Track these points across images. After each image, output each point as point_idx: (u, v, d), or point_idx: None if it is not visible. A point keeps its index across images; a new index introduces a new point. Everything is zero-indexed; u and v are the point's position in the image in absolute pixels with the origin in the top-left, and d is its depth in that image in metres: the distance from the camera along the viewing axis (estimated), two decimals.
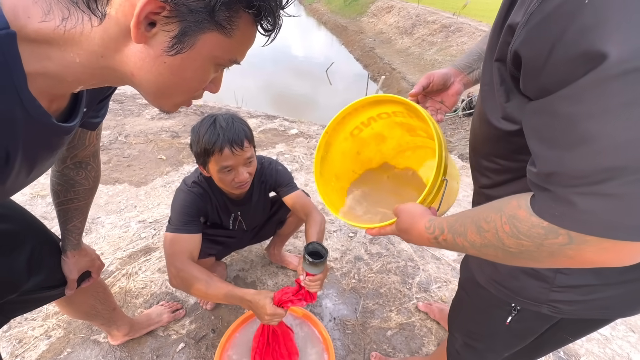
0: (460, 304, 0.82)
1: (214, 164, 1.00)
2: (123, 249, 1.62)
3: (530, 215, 0.38)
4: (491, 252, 0.45)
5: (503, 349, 0.77)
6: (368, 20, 12.57)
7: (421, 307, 1.47)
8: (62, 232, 0.85)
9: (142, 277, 1.49)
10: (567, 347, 1.38)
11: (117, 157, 2.33)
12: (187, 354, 1.23)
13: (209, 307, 1.38)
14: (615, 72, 0.29)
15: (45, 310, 1.32)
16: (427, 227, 0.57)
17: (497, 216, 0.43)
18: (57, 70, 0.40)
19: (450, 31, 9.34)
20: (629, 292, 0.53)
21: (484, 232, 0.45)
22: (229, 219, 1.26)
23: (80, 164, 0.78)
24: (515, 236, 0.40)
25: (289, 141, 2.88)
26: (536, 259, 0.41)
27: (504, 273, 0.62)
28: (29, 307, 0.86)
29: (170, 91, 0.45)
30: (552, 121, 0.35)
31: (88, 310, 1.03)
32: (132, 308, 1.38)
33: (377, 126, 0.89)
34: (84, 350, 1.21)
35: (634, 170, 0.30)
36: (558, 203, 0.35)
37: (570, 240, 0.35)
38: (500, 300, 0.64)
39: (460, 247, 0.51)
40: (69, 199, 0.80)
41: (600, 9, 0.29)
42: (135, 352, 1.22)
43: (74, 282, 0.88)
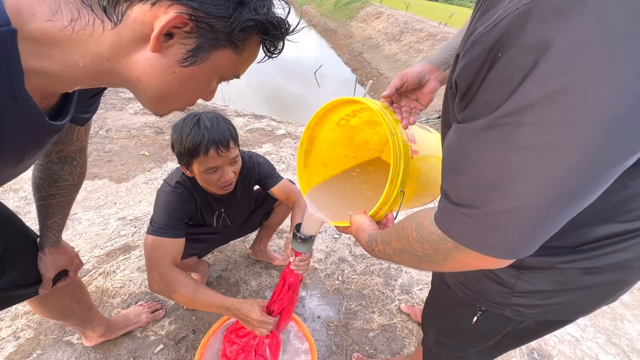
0: (432, 303, 0.85)
1: (198, 164, 0.98)
2: (101, 246, 1.56)
3: (431, 224, 0.44)
4: (406, 256, 0.51)
5: (470, 346, 0.81)
6: (357, 24, 12.70)
7: (404, 309, 1.49)
8: (41, 228, 0.81)
9: (120, 276, 1.44)
10: (540, 348, 1.43)
11: (97, 152, 2.25)
12: (165, 355, 1.20)
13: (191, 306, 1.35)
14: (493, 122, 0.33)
15: (14, 309, 1.26)
16: (366, 240, 0.65)
17: (409, 224, 0.50)
18: (57, 70, 0.40)
19: (437, 40, 9.56)
20: (584, 297, 0.56)
21: (401, 238, 0.51)
22: (212, 218, 1.23)
23: (65, 158, 0.75)
24: (420, 241, 0.47)
25: (276, 141, 2.87)
26: (435, 262, 0.47)
27: (469, 276, 0.65)
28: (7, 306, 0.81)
29: (172, 98, 0.46)
30: (453, 146, 0.40)
31: (62, 310, 0.99)
32: (109, 308, 1.33)
33: (364, 116, 0.88)
34: (56, 352, 1.16)
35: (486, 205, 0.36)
36: (447, 216, 0.41)
37: (455, 246, 0.42)
38: (466, 301, 0.68)
39: (389, 255, 0.56)
40: (50, 194, 0.77)
41: None
42: (111, 353, 1.18)
43: (49, 280, 0.84)
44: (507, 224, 0.36)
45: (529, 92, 0.30)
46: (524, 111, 0.31)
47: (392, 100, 0.76)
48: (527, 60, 0.30)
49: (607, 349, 1.47)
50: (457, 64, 0.40)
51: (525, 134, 0.31)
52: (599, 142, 0.29)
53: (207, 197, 1.16)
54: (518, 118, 0.31)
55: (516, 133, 0.32)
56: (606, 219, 0.49)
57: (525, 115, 0.31)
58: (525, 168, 0.32)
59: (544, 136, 0.31)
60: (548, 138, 0.30)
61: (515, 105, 0.31)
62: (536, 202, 0.33)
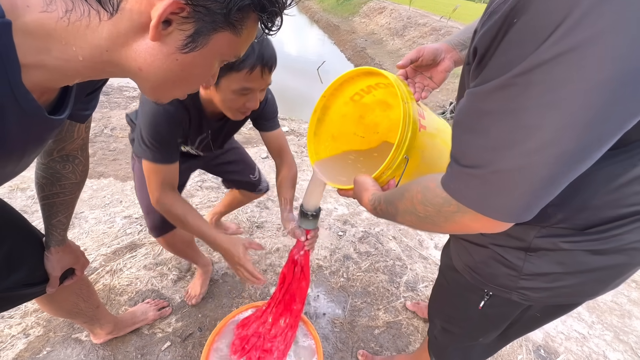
0: (440, 289, 0.85)
1: (232, 81, 0.82)
2: (107, 244, 1.58)
3: (437, 187, 0.46)
4: (408, 217, 0.54)
5: (478, 334, 0.81)
6: (360, 20, 12.61)
7: (409, 307, 1.49)
8: (46, 227, 0.81)
9: (127, 274, 1.46)
10: (547, 345, 1.43)
11: (102, 151, 2.26)
12: (172, 352, 1.21)
13: (194, 302, 1.37)
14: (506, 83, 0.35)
15: (24, 307, 1.27)
16: (370, 199, 0.66)
17: (415, 187, 0.52)
18: (56, 63, 0.39)
19: (440, 34, 9.47)
20: (590, 279, 0.57)
21: (405, 199, 0.54)
22: (196, 138, 1.08)
23: (67, 157, 0.75)
24: (423, 203, 0.49)
25: None
26: (436, 224, 0.49)
27: (477, 260, 0.66)
28: (7, 305, 0.82)
29: (174, 86, 0.46)
30: (465, 108, 0.42)
31: (70, 308, 1.00)
32: (116, 306, 1.34)
33: (378, 94, 0.87)
34: (65, 349, 1.18)
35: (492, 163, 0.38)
36: (454, 179, 0.44)
37: (457, 209, 0.43)
38: (474, 285, 0.69)
39: (391, 215, 0.59)
40: (54, 193, 0.77)
41: None
42: (119, 350, 1.19)
43: (56, 279, 0.85)
44: (511, 182, 0.37)
45: (540, 52, 0.32)
46: (534, 70, 0.33)
47: (406, 74, 0.78)
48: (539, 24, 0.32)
49: (614, 346, 1.46)
50: (477, 34, 0.43)
51: (534, 93, 0.33)
52: (604, 101, 0.31)
53: (202, 117, 1.00)
54: (528, 77, 0.33)
55: (525, 92, 0.34)
56: (614, 202, 0.50)
57: (535, 75, 0.33)
58: (533, 127, 0.34)
59: (551, 94, 0.32)
60: (555, 96, 0.32)
61: (526, 65, 0.33)
62: (540, 160, 0.35)
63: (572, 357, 1.40)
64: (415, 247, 1.87)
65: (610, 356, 1.42)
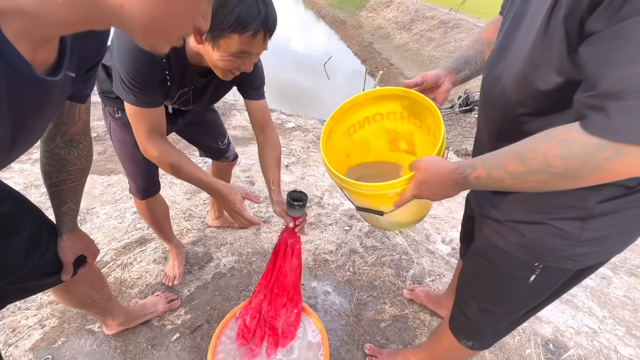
0: (481, 273, 0.83)
1: (233, 43, 0.78)
2: (118, 239, 1.61)
3: (582, 135, 0.45)
4: (534, 177, 0.51)
5: (521, 308, 0.82)
6: (367, 14, 12.49)
7: (406, 295, 1.50)
8: (57, 215, 0.83)
9: (137, 268, 1.49)
10: (556, 340, 1.41)
11: (112, 148, 2.31)
12: (182, 343, 1.24)
13: (176, 282, 1.42)
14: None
15: (39, 299, 1.32)
16: (454, 168, 0.62)
17: (544, 144, 0.49)
18: (33, 7, 0.37)
19: (449, 27, 9.32)
20: (633, 236, 0.63)
21: (529, 160, 0.51)
22: (177, 92, 1.01)
23: (71, 142, 0.74)
24: (565, 156, 0.47)
25: (286, 134, 2.88)
26: (578, 177, 0.47)
27: (532, 237, 0.67)
28: (26, 294, 0.86)
29: (161, 25, 0.43)
30: (623, 42, 0.41)
31: (84, 298, 1.03)
32: (127, 298, 1.38)
33: (367, 130, 0.96)
34: (79, 339, 1.21)
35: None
36: (611, 119, 0.42)
37: (615, 153, 0.43)
38: (525, 262, 0.70)
39: (496, 180, 0.56)
40: (61, 180, 0.77)
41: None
42: (130, 341, 1.22)
43: (70, 265, 0.87)
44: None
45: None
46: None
47: None
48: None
49: (626, 341, 1.44)
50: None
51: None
52: None
53: (185, 69, 0.94)
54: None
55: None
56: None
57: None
58: None
59: None
60: None
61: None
62: None
63: (582, 351, 1.38)
64: (422, 241, 1.86)
65: (622, 351, 1.40)
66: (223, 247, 1.65)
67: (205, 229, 1.74)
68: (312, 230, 1.83)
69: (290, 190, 1.01)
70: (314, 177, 2.30)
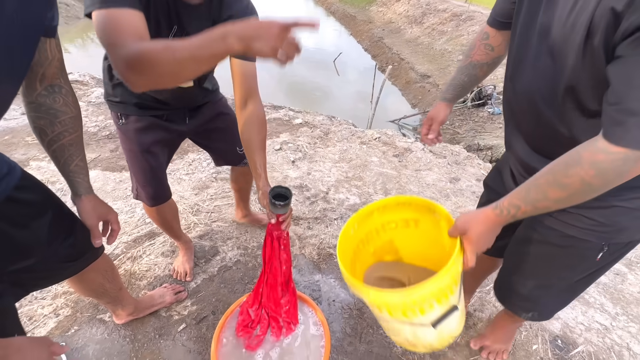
0: (541, 256, 0.87)
1: None
2: (128, 233, 1.66)
3: (608, 152, 0.52)
4: (578, 196, 0.58)
5: (583, 284, 0.87)
6: (377, 9, 12.34)
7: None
8: (68, 177, 0.82)
9: (146, 261, 1.54)
10: (565, 336, 1.38)
11: None
12: (188, 333, 1.27)
13: (188, 278, 1.44)
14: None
15: (54, 290, 1.38)
16: (498, 214, 0.68)
17: (578, 169, 0.56)
18: None
19: (461, 20, 9.12)
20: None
21: (568, 185, 0.57)
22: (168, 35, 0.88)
23: (52, 87, 0.73)
24: (601, 174, 0.54)
25: (293, 130, 2.89)
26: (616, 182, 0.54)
27: (603, 221, 0.72)
28: (46, 281, 0.89)
29: None
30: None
31: (97, 288, 1.06)
32: (136, 289, 1.42)
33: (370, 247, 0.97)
34: (90, 328, 1.26)
35: None
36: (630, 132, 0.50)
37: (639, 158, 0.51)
38: (595, 244, 0.75)
39: (542, 209, 0.63)
40: (58, 134, 0.76)
41: None
42: (139, 330, 1.27)
43: (96, 228, 0.86)
44: None
45: None
46: None
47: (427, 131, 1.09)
48: None
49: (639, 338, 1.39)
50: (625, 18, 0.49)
51: None
52: None
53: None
54: None
55: None
56: None
57: None
58: None
59: None
60: None
61: None
62: None
63: (592, 348, 1.34)
64: None
65: (635, 349, 1.36)
66: (229, 241, 1.68)
67: (212, 223, 1.77)
68: (317, 224, 1.84)
69: (274, 186, 0.94)
70: (320, 172, 2.31)
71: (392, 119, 6.23)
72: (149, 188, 1.19)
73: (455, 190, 2.25)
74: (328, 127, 2.98)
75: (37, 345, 0.54)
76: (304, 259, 1.62)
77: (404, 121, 6.27)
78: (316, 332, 1.19)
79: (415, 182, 2.30)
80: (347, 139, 2.78)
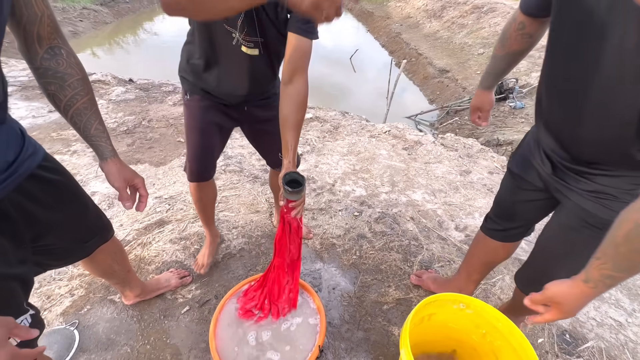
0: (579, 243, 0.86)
1: None
2: (140, 221, 1.74)
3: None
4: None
5: None
6: (395, 4, 12.15)
7: (413, 281, 1.48)
8: (91, 142, 0.84)
9: (155, 247, 1.61)
10: (574, 330, 1.32)
11: (140, 140, 2.48)
12: (190, 316, 1.32)
13: (203, 271, 1.47)
14: None
15: (70, 272, 1.47)
16: (593, 287, 0.63)
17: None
18: None
19: (483, 12, 8.81)
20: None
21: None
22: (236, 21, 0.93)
23: (52, 49, 0.75)
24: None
25: (303, 125, 2.91)
26: None
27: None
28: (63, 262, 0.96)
29: None
30: None
31: (106, 269, 1.13)
32: (145, 273, 1.49)
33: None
34: (101, 307, 1.34)
35: None
36: None
37: None
38: None
39: (635, 273, 0.59)
40: (71, 97, 0.78)
41: None
42: (145, 311, 1.33)
43: (124, 190, 0.86)
44: None
45: None
46: None
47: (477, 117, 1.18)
48: None
49: None
50: None
51: None
52: None
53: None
54: None
55: None
56: None
57: None
58: None
59: None
60: None
61: None
62: None
63: (603, 344, 1.28)
64: (434, 228, 1.81)
65: None
66: (234, 230, 1.72)
67: (219, 212, 1.82)
68: (321, 215, 1.86)
69: (291, 171, 0.94)
70: (327, 165, 2.32)
71: (409, 115, 6.13)
72: (194, 163, 1.25)
73: (465, 182, 2.20)
74: (339, 121, 2.99)
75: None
76: (306, 248, 1.64)
77: (421, 117, 6.15)
78: (314, 320, 1.20)
79: (423, 174, 2.27)
80: (356, 133, 2.77)
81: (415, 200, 2.01)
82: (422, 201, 2.01)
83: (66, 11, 8.12)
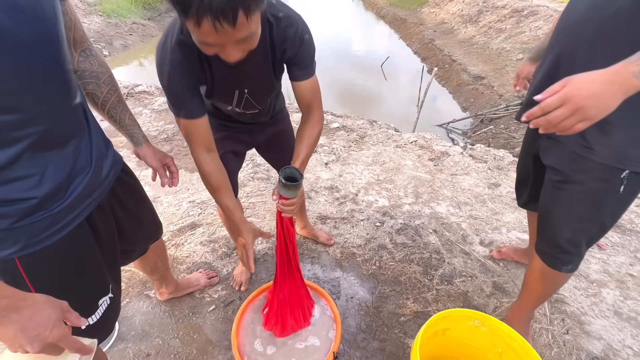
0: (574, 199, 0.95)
1: (190, 28, 0.66)
2: (175, 223, 1.89)
3: None
4: None
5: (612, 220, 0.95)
6: (429, 10, 11.97)
7: (495, 255, 1.67)
8: (127, 131, 0.94)
9: (187, 248, 1.73)
10: (607, 358, 1.25)
11: (177, 147, 2.68)
12: (216, 314, 1.42)
13: (243, 289, 1.51)
14: None
15: None
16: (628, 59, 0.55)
17: None
18: None
19: (523, 16, 8.44)
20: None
21: None
22: (232, 95, 0.96)
23: (84, 52, 0.81)
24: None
25: (330, 134, 2.98)
26: None
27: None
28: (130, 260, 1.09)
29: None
30: None
31: (152, 264, 1.25)
32: (177, 272, 1.62)
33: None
34: (138, 301, 1.47)
35: None
36: None
37: None
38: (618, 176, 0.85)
39: None
40: (106, 93, 0.86)
41: None
42: (176, 307, 1.44)
43: (161, 168, 1.01)
44: None
45: None
46: None
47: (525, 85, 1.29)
48: None
49: None
50: None
51: None
52: None
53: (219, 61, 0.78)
54: None
55: None
56: None
57: None
58: None
59: None
60: None
61: None
62: None
63: None
64: (458, 241, 1.79)
65: None
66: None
67: (247, 218, 1.92)
68: (343, 224, 1.90)
69: (290, 166, 0.92)
70: (351, 174, 2.36)
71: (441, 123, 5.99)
72: None
73: (493, 196, 2.14)
74: (365, 130, 3.02)
75: (52, 305, 0.54)
76: (327, 256, 1.69)
77: (453, 125, 5.99)
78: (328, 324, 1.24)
79: (449, 186, 2.23)
80: (382, 143, 2.79)
81: (439, 213, 2.00)
82: (447, 214, 1.99)
83: (119, 26, 8.89)
